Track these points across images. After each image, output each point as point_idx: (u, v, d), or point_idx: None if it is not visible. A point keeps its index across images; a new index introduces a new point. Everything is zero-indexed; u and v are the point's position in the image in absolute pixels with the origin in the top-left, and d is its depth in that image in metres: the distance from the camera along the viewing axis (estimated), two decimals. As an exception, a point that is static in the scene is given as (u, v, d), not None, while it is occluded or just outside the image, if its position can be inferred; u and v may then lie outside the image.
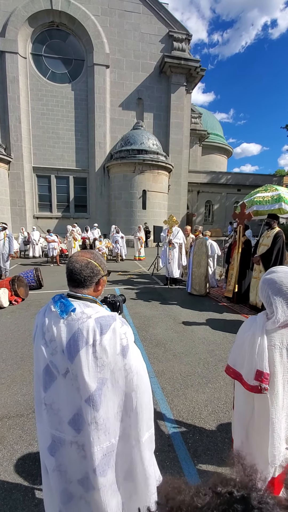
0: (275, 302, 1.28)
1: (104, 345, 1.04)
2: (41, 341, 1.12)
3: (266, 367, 1.27)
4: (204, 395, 2.88)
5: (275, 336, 1.29)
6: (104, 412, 1.06)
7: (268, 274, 1.36)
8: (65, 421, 1.09)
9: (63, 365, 1.08)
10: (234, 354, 1.48)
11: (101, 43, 17.79)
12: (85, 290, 1.17)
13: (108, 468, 1.08)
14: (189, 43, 19.25)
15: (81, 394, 1.05)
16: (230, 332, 4.53)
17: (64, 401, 1.09)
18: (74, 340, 1.05)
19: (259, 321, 1.36)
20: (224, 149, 33.30)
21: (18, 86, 16.95)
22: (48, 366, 1.11)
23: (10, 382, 3.10)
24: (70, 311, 1.09)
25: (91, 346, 1.04)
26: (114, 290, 7.15)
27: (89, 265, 1.16)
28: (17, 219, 17.92)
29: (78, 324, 1.07)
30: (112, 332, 1.07)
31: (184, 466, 2.03)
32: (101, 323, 1.07)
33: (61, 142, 18.63)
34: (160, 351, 3.86)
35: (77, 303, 1.13)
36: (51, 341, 1.09)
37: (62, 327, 1.08)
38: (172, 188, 19.73)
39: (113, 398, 1.08)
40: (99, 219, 18.62)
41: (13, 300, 5.93)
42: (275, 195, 6.21)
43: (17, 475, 1.95)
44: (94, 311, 1.11)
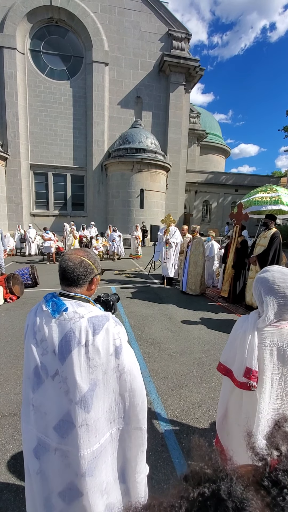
0: (266, 300, 1.29)
1: (97, 345, 1.02)
2: (32, 341, 1.09)
3: (255, 365, 1.28)
4: (198, 395, 2.87)
5: (266, 335, 1.29)
6: (95, 413, 1.04)
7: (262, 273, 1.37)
8: (50, 426, 1.06)
9: (52, 366, 1.05)
10: (226, 352, 1.51)
11: (100, 40, 17.69)
12: (78, 289, 1.15)
13: (96, 470, 1.06)
14: (188, 42, 19.21)
15: (71, 397, 1.02)
16: (225, 332, 4.53)
17: (51, 405, 1.06)
18: (66, 341, 1.03)
19: (251, 319, 1.37)
20: (222, 149, 33.36)
21: (16, 82, 16.79)
22: (38, 367, 1.08)
23: (3, 380, 3.07)
24: (62, 310, 1.07)
25: (84, 346, 1.01)
26: (110, 289, 7.12)
27: (82, 263, 1.14)
28: (14, 217, 17.79)
29: (71, 324, 1.04)
30: (105, 332, 1.05)
31: (178, 467, 2.02)
32: (94, 323, 1.04)
33: (58, 139, 18.51)
34: (155, 351, 3.85)
35: (70, 302, 1.10)
36: (42, 341, 1.07)
37: (54, 327, 1.06)
38: (169, 188, 19.72)
39: (104, 399, 1.06)
40: (96, 218, 18.55)
41: (8, 298, 5.88)
42: (274, 197, 6.23)
43: (9, 475, 1.93)
44: (87, 310, 1.09)
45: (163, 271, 7.94)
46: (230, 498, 0.31)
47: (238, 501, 0.31)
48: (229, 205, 23.89)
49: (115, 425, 1.11)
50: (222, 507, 0.31)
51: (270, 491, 0.33)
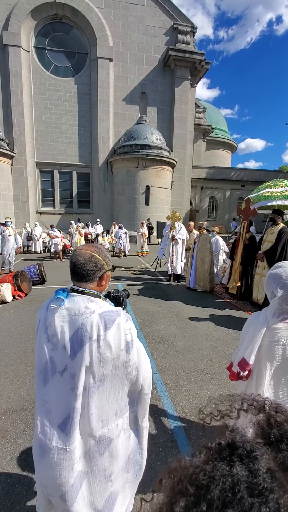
0: (278, 296, 1.28)
1: (108, 340, 1.02)
2: (43, 336, 1.10)
3: (252, 359, 1.30)
4: (207, 391, 2.87)
5: (279, 332, 1.28)
6: (100, 403, 1.06)
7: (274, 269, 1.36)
8: (55, 424, 1.06)
9: (62, 362, 1.05)
10: (237, 350, 1.50)
11: (105, 36, 17.57)
12: (88, 284, 1.14)
13: (98, 455, 1.07)
14: (194, 35, 18.95)
15: (77, 393, 1.02)
16: (233, 328, 4.50)
17: (56, 403, 1.07)
18: (77, 336, 1.03)
19: (262, 315, 1.36)
20: (228, 145, 32.97)
21: (21, 80, 16.84)
22: (47, 362, 1.09)
23: (14, 376, 3.11)
24: (60, 305, 1.09)
25: (95, 341, 1.01)
26: (117, 286, 7.14)
27: (92, 258, 1.14)
28: (20, 215, 17.95)
29: (82, 319, 1.04)
30: (117, 327, 1.05)
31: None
32: (105, 318, 1.05)
33: (64, 137, 18.54)
34: (163, 347, 3.85)
35: (81, 297, 1.10)
36: (53, 336, 1.07)
37: (65, 322, 1.06)
38: (175, 184, 19.60)
39: (111, 391, 1.08)
40: (102, 215, 18.58)
41: (16, 295, 5.95)
42: (284, 191, 6.13)
43: (20, 469, 1.96)
44: (98, 306, 1.09)
45: (167, 267, 7.94)
46: (243, 445, 0.38)
47: (249, 446, 0.37)
48: (236, 201, 23.63)
49: (121, 416, 1.13)
50: (236, 450, 0.37)
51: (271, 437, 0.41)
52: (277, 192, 6.23)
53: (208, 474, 0.35)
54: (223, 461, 0.36)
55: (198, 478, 0.35)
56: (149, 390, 1.20)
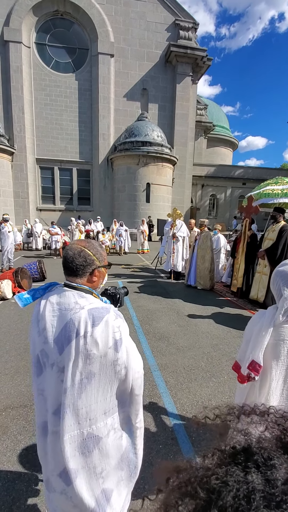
0: (285, 294, 1.25)
1: (95, 337, 1.01)
2: (35, 329, 1.12)
3: (261, 360, 1.27)
4: (208, 389, 2.86)
5: (285, 331, 1.26)
6: (87, 400, 1.04)
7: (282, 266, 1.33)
8: (50, 411, 1.09)
9: (52, 355, 1.07)
10: (242, 350, 1.47)
11: (106, 31, 17.42)
12: (78, 279, 1.14)
13: (88, 452, 1.06)
14: (195, 32, 18.79)
15: (65, 386, 1.03)
16: (234, 326, 4.50)
17: (51, 391, 1.08)
18: (65, 331, 1.03)
19: (268, 314, 1.34)
20: (229, 142, 32.80)
21: (21, 76, 16.73)
22: (39, 355, 1.10)
23: (14, 373, 3.11)
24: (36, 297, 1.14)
25: (82, 337, 1.01)
26: (117, 283, 7.13)
27: (82, 253, 1.13)
28: (20, 211, 17.91)
29: (71, 314, 1.04)
30: (105, 324, 1.03)
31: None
32: (93, 315, 1.03)
33: (64, 133, 18.45)
34: (164, 345, 3.84)
35: (72, 293, 1.11)
36: (43, 329, 1.08)
37: (55, 317, 1.07)
38: (176, 181, 19.54)
39: (99, 390, 1.06)
40: (103, 212, 18.53)
41: (16, 292, 5.94)
42: (285, 189, 6.10)
43: (21, 466, 1.96)
44: (88, 302, 1.08)
45: (165, 265, 7.93)
46: (260, 451, 0.35)
47: (267, 454, 0.35)
48: (237, 198, 23.56)
49: (110, 415, 1.11)
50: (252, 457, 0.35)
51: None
52: (278, 189, 6.20)
53: (220, 479, 0.33)
54: (237, 466, 0.34)
55: (210, 482, 0.33)
56: (140, 391, 1.16)
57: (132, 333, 4.16)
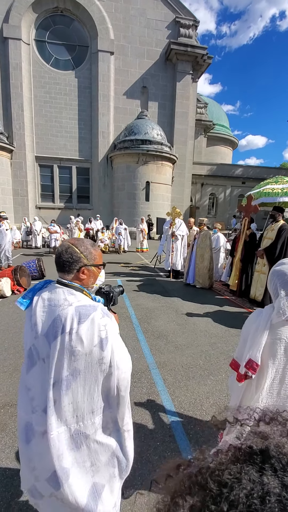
0: (282, 294, 1.25)
1: (80, 334, 1.02)
2: (28, 324, 1.13)
3: (258, 358, 1.27)
4: (205, 387, 2.88)
5: (282, 330, 1.26)
6: (73, 397, 1.04)
7: (278, 266, 1.33)
8: (38, 410, 1.08)
9: (41, 350, 1.08)
10: (240, 348, 1.47)
11: (106, 29, 17.34)
12: (66, 275, 1.16)
13: (76, 448, 1.07)
14: (196, 29, 18.72)
15: (52, 381, 1.03)
16: (232, 325, 4.51)
17: (39, 388, 1.08)
18: (53, 327, 1.05)
19: (265, 314, 1.34)
20: (229, 141, 32.74)
21: (21, 73, 16.65)
22: (31, 349, 1.11)
23: (12, 370, 3.12)
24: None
25: (68, 334, 1.02)
26: (116, 282, 7.14)
27: (69, 249, 1.15)
28: (20, 209, 17.88)
29: (59, 310, 1.06)
30: (90, 322, 1.04)
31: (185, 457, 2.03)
32: (80, 312, 1.05)
33: (64, 131, 18.39)
34: (162, 343, 3.86)
35: (62, 289, 1.12)
36: (35, 325, 1.10)
37: (45, 312, 1.09)
38: (175, 180, 19.51)
39: (85, 388, 1.06)
40: (102, 210, 18.51)
41: (15, 290, 5.95)
42: (285, 188, 6.10)
43: (19, 462, 1.96)
44: (77, 299, 1.10)
45: (165, 264, 7.94)
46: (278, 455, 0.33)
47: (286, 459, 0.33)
48: (236, 197, 23.56)
49: (98, 414, 1.10)
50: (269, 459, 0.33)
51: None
52: (278, 189, 6.20)
53: (234, 475, 0.32)
54: (253, 466, 0.33)
55: (222, 476, 0.33)
56: (126, 392, 1.14)
57: (131, 331, 4.17)
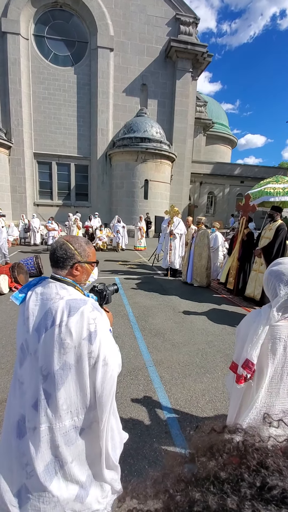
0: (281, 293, 1.26)
1: (69, 327, 1.03)
2: (21, 318, 1.15)
3: (254, 358, 1.29)
4: (201, 384, 2.91)
5: (281, 329, 1.28)
6: (66, 392, 1.05)
7: (275, 266, 1.34)
8: (28, 403, 1.08)
9: (33, 344, 1.09)
10: (237, 350, 1.48)
11: (106, 25, 17.21)
12: (60, 271, 1.19)
13: (71, 444, 1.08)
14: (196, 27, 18.63)
15: (44, 374, 1.05)
16: (229, 323, 4.55)
17: (30, 383, 1.09)
18: (44, 320, 1.07)
19: (264, 313, 1.34)
20: (228, 140, 32.71)
21: (19, 69, 16.50)
22: (23, 344, 1.13)
23: (10, 367, 3.13)
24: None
25: (58, 326, 1.04)
26: (114, 280, 7.15)
27: (63, 246, 1.18)
28: (17, 206, 17.78)
29: (50, 304, 1.08)
30: (80, 315, 1.06)
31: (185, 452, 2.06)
32: (70, 305, 1.07)
33: (62, 128, 18.27)
34: (159, 341, 3.88)
35: (55, 284, 1.15)
36: (27, 319, 1.11)
37: (37, 306, 1.11)
38: (174, 178, 19.49)
39: (77, 383, 1.06)
40: (100, 208, 18.46)
41: (13, 287, 5.94)
42: (286, 188, 6.13)
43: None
44: (68, 293, 1.13)
45: (163, 262, 7.95)
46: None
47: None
48: (235, 197, 23.58)
49: (92, 410, 1.11)
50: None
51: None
52: (280, 188, 6.22)
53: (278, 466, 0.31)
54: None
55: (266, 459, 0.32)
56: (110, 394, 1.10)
57: (128, 329, 4.19)
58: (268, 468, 0.31)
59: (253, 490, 0.29)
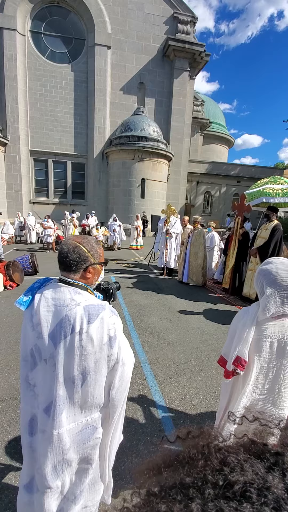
0: (267, 293, 1.29)
1: (90, 334, 1.03)
2: (29, 324, 1.12)
3: (246, 355, 1.31)
4: (196, 383, 2.92)
5: (267, 327, 1.30)
6: (84, 396, 1.07)
7: (265, 265, 1.36)
8: (41, 407, 1.09)
9: (46, 350, 1.06)
10: (227, 345, 1.52)
11: (103, 22, 17.10)
12: (72, 274, 1.14)
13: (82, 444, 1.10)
14: (194, 26, 18.60)
15: (61, 380, 1.04)
16: (224, 323, 4.57)
17: (43, 387, 1.09)
18: (60, 327, 1.04)
19: (251, 311, 1.38)
20: (225, 139, 32.78)
21: (15, 65, 16.33)
22: (33, 350, 1.11)
23: (4, 366, 3.11)
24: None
25: (78, 334, 1.02)
26: (110, 278, 7.14)
27: (76, 249, 1.13)
28: (13, 204, 17.64)
29: (66, 310, 1.05)
30: (100, 321, 1.05)
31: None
32: (89, 312, 1.05)
33: (59, 125, 18.15)
34: (154, 340, 3.89)
35: (67, 289, 1.11)
36: (37, 325, 1.08)
37: (50, 312, 1.07)
38: (171, 178, 19.49)
39: (95, 386, 1.08)
40: (97, 207, 18.40)
41: (8, 285, 5.90)
42: (285, 188, 6.16)
43: (9, 457, 1.98)
44: (84, 298, 1.10)
45: (159, 261, 7.96)
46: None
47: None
48: (231, 196, 23.68)
49: (104, 407, 1.14)
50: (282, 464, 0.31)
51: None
52: (279, 189, 6.25)
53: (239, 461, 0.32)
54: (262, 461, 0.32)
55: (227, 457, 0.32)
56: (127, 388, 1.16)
57: (124, 328, 4.16)
58: (230, 465, 0.31)
59: (217, 490, 0.29)
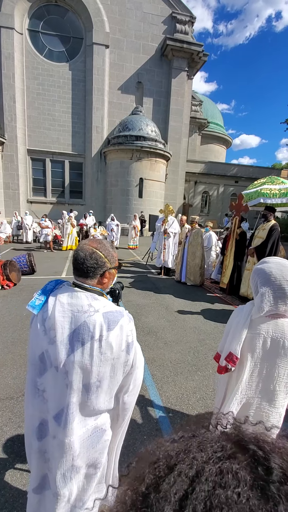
0: (262, 292, 1.31)
1: (110, 341, 1.02)
2: (40, 328, 1.08)
3: (238, 352, 1.33)
4: (193, 382, 2.93)
5: (261, 325, 1.32)
6: (99, 400, 1.07)
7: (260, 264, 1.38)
8: (51, 413, 1.08)
9: (58, 356, 1.03)
10: (222, 342, 1.54)
11: (101, 21, 17.05)
12: (89, 280, 1.12)
13: (91, 448, 1.11)
14: (192, 26, 18.59)
15: (75, 387, 1.03)
16: (221, 322, 4.58)
17: (54, 394, 1.07)
18: (78, 333, 1.02)
19: (246, 309, 1.40)
20: (223, 140, 32.85)
21: (13, 63, 16.23)
22: (43, 354, 1.07)
23: (1, 365, 3.10)
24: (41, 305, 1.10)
25: (97, 341, 1.01)
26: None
27: (93, 255, 1.10)
28: (10, 203, 17.55)
29: (85, 317, 1.03)
30: (120, 329, 1.05)
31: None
32: (109, 319, 1.04)
33: (57, 124, 18.08)
34: (152, 339, 3.89)
35: (85, 294, 1.09)
36: (50, 329, 1.05)
37: (66, 318, 1.04)
38: (169, 177, 19.49)
39: (108, 391, 1.09)
40: (95, 206, 18.35)
41: (5, 285, 5.88)
42: (283, 189, 6.18)
43: (6, 456, 1.97)
44: (102, 304, 1.08)
45: (156, 261, 7.97)
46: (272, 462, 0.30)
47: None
48: (229, 196, 23.73)
49: (112, 411, 1.16)
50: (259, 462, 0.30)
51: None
52: (276, 189, 6.26)
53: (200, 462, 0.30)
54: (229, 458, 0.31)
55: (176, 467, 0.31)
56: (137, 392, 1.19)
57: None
58: (174, 472, 0.31)
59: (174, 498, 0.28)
